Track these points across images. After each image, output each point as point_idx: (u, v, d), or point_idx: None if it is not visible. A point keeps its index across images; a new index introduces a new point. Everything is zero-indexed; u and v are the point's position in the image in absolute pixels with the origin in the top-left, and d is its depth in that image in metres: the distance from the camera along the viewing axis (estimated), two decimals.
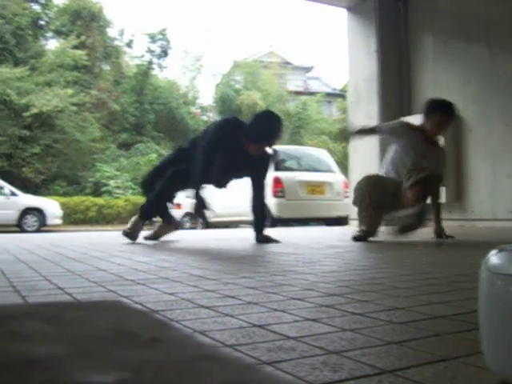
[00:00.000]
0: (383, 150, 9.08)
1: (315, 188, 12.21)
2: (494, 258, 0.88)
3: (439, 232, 5.17)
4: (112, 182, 25.26)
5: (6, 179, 17.88)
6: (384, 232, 5.42)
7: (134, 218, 5.11)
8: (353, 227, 5.72)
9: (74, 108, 25.94)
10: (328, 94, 37.70)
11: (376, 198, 5.03)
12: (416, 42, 9.33)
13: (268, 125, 4.74)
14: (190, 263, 3.06)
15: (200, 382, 0.36)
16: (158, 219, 5.55)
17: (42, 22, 29.12)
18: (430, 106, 5.28)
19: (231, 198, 13.29)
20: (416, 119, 8.78)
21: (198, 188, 4.69)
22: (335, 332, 1.28)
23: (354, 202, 5.24)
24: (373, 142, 9.26)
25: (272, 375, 0.41)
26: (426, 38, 9.12)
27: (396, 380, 0.91)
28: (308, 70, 42.36)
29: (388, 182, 5.16)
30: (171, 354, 0.43)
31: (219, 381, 0.37)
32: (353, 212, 9.86)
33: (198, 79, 39.25)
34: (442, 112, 5.20)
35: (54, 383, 0.34)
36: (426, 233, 5.26)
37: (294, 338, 1.22)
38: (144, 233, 5.25)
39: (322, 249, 4.14)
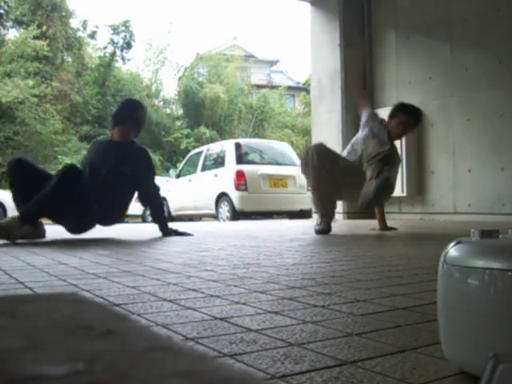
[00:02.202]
0: (347, 143, 9.16)
1: (278, 181, 12.25)
2: (452, 250, 0.89)
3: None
4: None
5: None
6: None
7: None
8: (315, 220, 5.76)
9: (35, 99, 25.48)
10: (291, 88, 37.75)
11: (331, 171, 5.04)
12: (379, 36, 9.41)
13: (122, 107, 5.10)
14: (152, 256, 3.04)
15: (152, 372, 0.36)
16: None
17: (1, 11, 28.51)
18: (397, 108, 5.46)
19: (194, 191, 13.26)
20: (378, 113, 8.88)
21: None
22: (297, 324, 1.29)
23: (306, 174, 5.28)
24: (335, 136, 9.33)
25: (224, 365, 0.40)
26: (388, 33, 9.20)
27: (356, 371, 0.91)
28: (273, 63, 42.38)
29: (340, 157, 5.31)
30: (125, 345, 0.43)
31: (171, 371, 0.36)
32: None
33: (162, 72, 38.93)
34: (406, 114, 5.34)
35: (6, 376, 0.34)
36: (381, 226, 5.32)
37: (256, 330, 1.23)
38: None
39: (283, 242, 4.16)
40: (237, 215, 11.66)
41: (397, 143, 8.38)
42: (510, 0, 7.32)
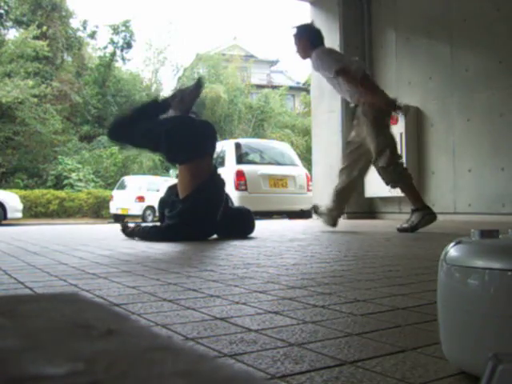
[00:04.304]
0: (346, 145, 9.16)
1: (278, 181, 12.23)
2: (452, 250, 0.89)
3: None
4: (74, 175, 24.99)
5: None
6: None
7: None
8: (316, 221, 5.77)
9: (35, 100, 25.49)
10: (291, 88, 37.76)
11: None
12: (379, 37, 9.40)
13: None
14: (152, 256, 3.04)
15: (152, 372, 0.36)
16: None
17: (2, 11, 28.50)
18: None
19: None
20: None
21: None
22: (297, 324, 1.28)
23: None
24: (335, 136, 9.32)
25: (225, 365, 0.40)
26: (389, 34, 9.20)
27: (356, 371, 0.91)
28: (273, 63, 42.39)
29: None
30: (125, 345, 0.42)
31: (171, 371, 0.36)
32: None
33: (161, 72, 38.96)
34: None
35: (6, 376, 0.34)
36: (389, 226, 5.31)
37: (256, 330, 1.22)
38: None
39: (284, 242, 4.15)
40: None
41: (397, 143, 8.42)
42: (509, 0, 7.32)
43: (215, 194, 4.50)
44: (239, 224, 4.75)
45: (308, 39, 5.63)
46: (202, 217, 4.35)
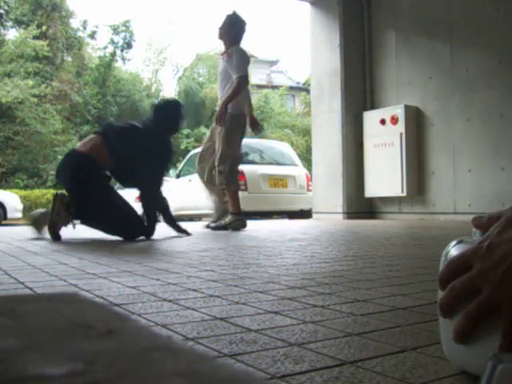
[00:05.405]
0: (346, 143, 9.16)
1: (278, 181, 12.22)
2: (453, 250, 0.89)
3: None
4: None
5: None
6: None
7: None
8: (316, 221, 5.77)
9: (35, 99, 25.46)
10: (291, 88, 37.72)
11: None
12: (379, 37, 9.40)
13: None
14: (152, 256, 3.04)
15: (152, 372, 0.36)
16: None
17: (2, 11, 28.47)
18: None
19: (194, 191, 13.26)
20: (378, 113, 8.89)
21: None
22: (297, 324, 1.28)
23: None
24: (335, 136, 9.32)
25: (225, 364, 0.40)
26: (388, 34, 9.20)
27: (356, 371, 0.91)
28: (273, 63, 42.34)
29: None
30: (125, 345, 0.42)
31: (171, 371, 0.36)
32: (317, 205, 9.94)
33: (161, 72, 38.95)
34: None
35: (6, 376, 0.34)
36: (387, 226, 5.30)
37: (256, 330, 1.22)
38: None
39: (284, 242, 4.15)
40: None
41: (396, 143, 8.44)
42: (509, 0, 7.33)
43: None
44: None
45: (236, 34, 6.11)
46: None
